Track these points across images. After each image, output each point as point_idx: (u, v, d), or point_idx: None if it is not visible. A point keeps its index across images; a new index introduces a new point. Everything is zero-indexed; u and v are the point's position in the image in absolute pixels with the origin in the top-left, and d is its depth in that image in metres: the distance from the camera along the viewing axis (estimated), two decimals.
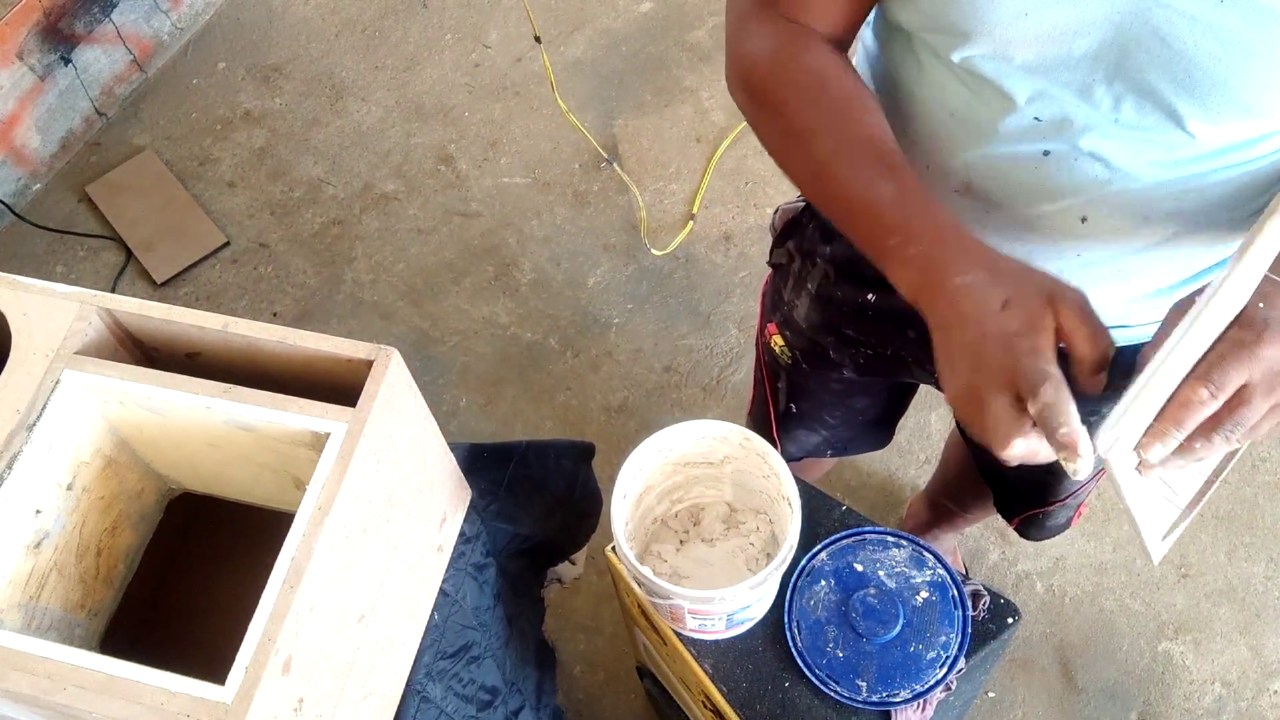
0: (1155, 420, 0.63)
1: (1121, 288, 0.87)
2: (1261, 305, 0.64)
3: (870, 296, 1.01)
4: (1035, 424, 0.61)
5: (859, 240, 0.74)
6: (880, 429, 1.33)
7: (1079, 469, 0.61)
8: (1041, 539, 1.33)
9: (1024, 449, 0.63)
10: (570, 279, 2.17)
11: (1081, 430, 0.61)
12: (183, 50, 2.54)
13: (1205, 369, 0.62)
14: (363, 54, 2.51)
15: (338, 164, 2.35)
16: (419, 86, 2.45)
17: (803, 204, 1.08)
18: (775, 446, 1.27)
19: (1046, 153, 0.76)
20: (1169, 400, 0.63)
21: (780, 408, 1.24)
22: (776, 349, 1.17)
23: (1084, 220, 0.79)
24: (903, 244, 0.69)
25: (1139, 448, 0.64)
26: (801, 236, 1.07)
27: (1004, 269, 0.66)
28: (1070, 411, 0.61)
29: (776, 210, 1.11)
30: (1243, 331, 0.63)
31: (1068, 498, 1.22)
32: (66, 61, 2.29)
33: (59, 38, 2.25)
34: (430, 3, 2.57)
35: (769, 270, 1.17)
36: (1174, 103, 0.69)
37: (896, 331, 1.02)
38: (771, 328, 1.17)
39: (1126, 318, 0.90)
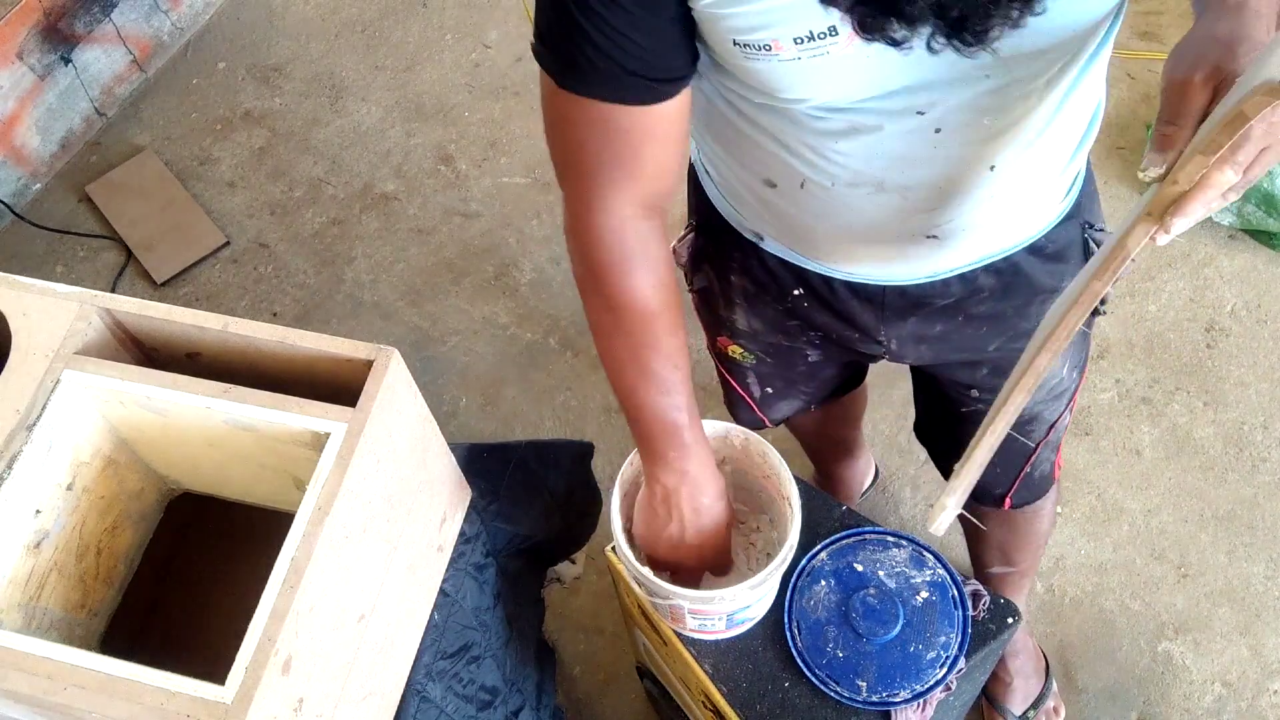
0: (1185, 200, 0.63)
1: (1044, 160, 0.89)
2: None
3: (797, 291, 1.04)
4: None
5: (642, 440, 0.92)
6: (853, 382, 1.38)
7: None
8: (1033, 500, 1.31)
9: None
10: (570, 279, 2.15)
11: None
12: (183, 50, 2.54)
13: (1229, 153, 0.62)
14: (363, 54, 2.51)
15: (338, 164, 2.35)
16: (419, 86, 2.45)
17: (693, 234, 1.11)
18: (763, 423, 1.31)
19: (920, 112, 0.78)
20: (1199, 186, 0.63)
21: (756, 395, 1.28)
22: (736, 355, 1.20)
23: (938, 130, 0.81)
24: (679, 458, 0.91)
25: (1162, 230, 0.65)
26: (711, 261, 1.11)
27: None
28: None
29: (673, 249, 1.12)
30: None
31: (1039, 447, 1.20)
32: (66, 61, 2.29)
33: (59, 38, 2.25)
34: (430, 3, 2.57)
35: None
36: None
37: (834, 316, 1.05)
38: (723, 340, 1.20)
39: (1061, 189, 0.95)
